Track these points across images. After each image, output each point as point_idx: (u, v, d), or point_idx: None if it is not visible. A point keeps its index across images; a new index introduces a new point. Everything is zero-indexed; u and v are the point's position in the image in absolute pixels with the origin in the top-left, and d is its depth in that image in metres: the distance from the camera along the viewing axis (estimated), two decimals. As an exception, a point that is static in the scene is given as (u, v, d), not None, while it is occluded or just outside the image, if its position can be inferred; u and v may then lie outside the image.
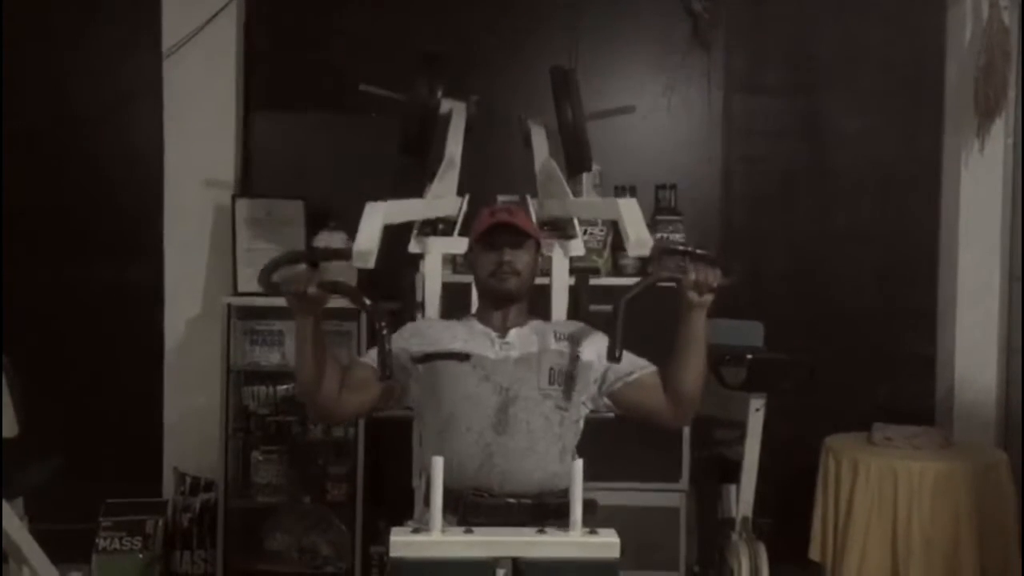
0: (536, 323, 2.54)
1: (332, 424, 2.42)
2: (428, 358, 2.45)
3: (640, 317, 2.89)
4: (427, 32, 4.47)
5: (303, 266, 2.46)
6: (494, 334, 2.48)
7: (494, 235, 2.48)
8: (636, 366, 2.48)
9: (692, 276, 2.29)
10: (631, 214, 2.53)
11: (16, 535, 3.16)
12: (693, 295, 2.32)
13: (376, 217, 2.46)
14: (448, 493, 2.16)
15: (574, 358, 2.46)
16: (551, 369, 2.43)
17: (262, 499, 4.17)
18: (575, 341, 2.49)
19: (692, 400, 2.41)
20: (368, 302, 2.30)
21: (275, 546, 4.25)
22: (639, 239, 2.47)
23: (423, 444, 2.53)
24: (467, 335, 2.48)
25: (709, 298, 2.34)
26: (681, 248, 2.47)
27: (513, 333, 2.48)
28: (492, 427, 2.36)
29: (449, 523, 2.25)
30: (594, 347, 2.48)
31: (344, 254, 2.50)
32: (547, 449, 2.39)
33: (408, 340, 2.49)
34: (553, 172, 3.22)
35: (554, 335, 2.49)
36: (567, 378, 2.43)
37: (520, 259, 2.48)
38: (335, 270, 2.79)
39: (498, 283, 2.47)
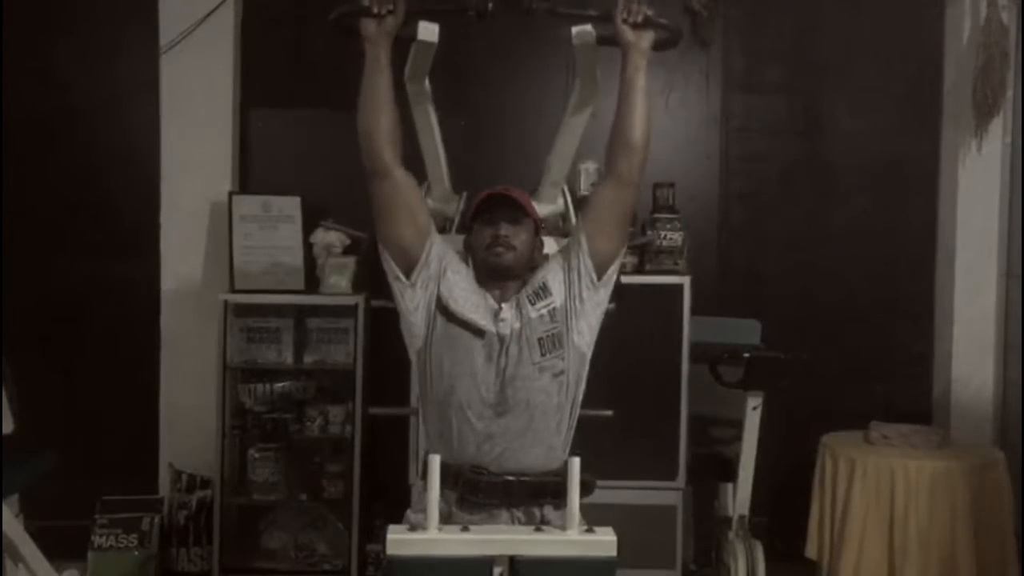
0: (515, 297, 2.49)
1: (372, 166, 2.40)
2: (451, 317, 2.40)
3: (636, 319, 2.89)
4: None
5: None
6: (496, 309, 2.43)
7: (491, 209, 2.45)
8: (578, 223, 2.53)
9: (621, 4, 2.38)
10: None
11: (12, 532, 3.15)
12: (627, 31, 2.38)
13: None
14: (447, 468, 2.16)
15: (553, 311, 2.42)
16: (540, 340, 2.39)
17: (258, 496, 4.16)
18: (546, 293, 2.44)
19: (639, 148, 2.40)
20: None
21: (271, 544, 4.25)
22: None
23: (422, 413, 2.51)
24: (485, 307, 2.42)
25: (646, 37, 2.39)
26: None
27: (504, 308, 2.43)
28: (491, 408, 2.35)
29: (448, 499, 2.27)
30: (557, 277, 2.45)
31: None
32: (546, 424, 2.39)
33: (448, 272, 2.43)
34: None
35: (528, 301, 2.43)
36: (557, 340, 2.40)
37: (517, 235, 2.43)
38: None
39: (494, 257, 2.43)
